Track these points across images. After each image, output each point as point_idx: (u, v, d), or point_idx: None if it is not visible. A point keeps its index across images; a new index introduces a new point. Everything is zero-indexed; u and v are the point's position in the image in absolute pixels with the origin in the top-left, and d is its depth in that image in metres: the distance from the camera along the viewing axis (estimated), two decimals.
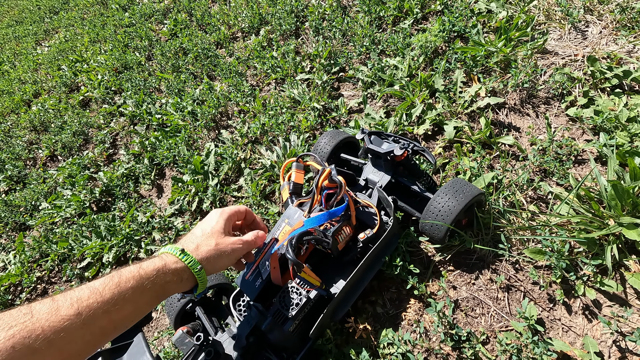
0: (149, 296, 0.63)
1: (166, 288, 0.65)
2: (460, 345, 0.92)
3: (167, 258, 0.69)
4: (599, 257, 0.93)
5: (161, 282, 0.64)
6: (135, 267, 0.64)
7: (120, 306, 0.57)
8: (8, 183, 2.37)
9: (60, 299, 0.53)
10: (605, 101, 1.25)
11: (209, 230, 0.77)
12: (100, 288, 0.57)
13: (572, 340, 0.90)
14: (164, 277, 0.65)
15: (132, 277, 0.61)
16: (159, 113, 2.18)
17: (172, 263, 0.68)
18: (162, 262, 0.67)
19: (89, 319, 0.53)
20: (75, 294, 0.55)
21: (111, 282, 0.59)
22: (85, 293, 0.55)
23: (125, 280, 0.60)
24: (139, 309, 0.61)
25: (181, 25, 2.89)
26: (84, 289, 0.56)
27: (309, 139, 1.64)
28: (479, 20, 1.70)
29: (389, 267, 1.05)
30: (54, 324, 0.50)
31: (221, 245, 0.76)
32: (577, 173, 1.16)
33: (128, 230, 1.60)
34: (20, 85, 3.42)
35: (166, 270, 0.66)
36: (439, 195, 0.98)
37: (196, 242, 0.75)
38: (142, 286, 0.61)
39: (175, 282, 0.67)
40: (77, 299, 0.54)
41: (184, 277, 0.69)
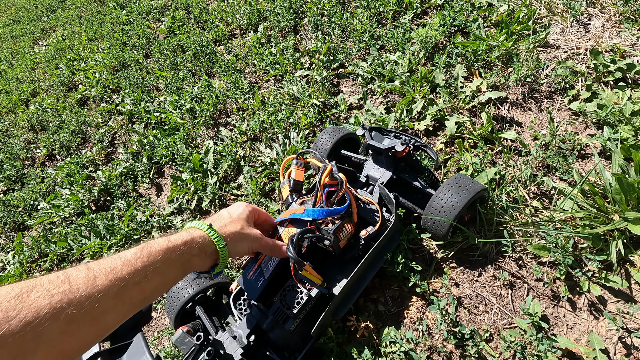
0: (176, 268, 0.64)
1: (191, 261, 0.67)
2: (464, 343, 0.91)
3: (194, 232, 0.70)
4: (603, 253, 0.92)
5: (187, 255, 0.66)
6: (164, 239, 0.65)
7: (150, 278, 0.58)
8: (6, 183, 2.36)
9: (96, 268, 0.54)
10: (609, 95, 1.23)
11: (235, 215, 0.81)
12: (132, 260, 0.58)
13: (577, 337, 0.89)
14: (190, 250, 0.66)
15: (161, 249, 0.62)
16: (158, 111, 2.16)
17: (199, 237, 0.69)
18: (189, 235, 0.68)
19: (122, 289, 0.54)
20: (109, 264, 0.55)
21: (142, 254, 0.59)
22: (119, 264, 0.56)
23: (156, 252, 0.61)
24: (166, 281, 0.62)
25: (179, 23, 2.87)
26: (116, 260, 0.57)
27: (308, 136, 1.63)
28: (479, 14, 1.68)
29: (390, 265, 1.04)
30: (90, 294, 0.50)
31: (246, 231, 0.79)
32: (581, 168, 1.15)
33: (127, 230, 1.59)
34: (18, 84, 3.40)
35: (193, 243, 0.67)
36: (442, 191, 0.96)
37: (223, 221, 0.78)
38: (170, 258, 0.63)
39: (199, 256, 0.68)
40: (112, 269, 0.54)
41: (207, 252, 0.70)
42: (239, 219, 0.80)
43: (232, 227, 0.78)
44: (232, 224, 0.78)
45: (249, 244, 0.80)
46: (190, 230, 0.71)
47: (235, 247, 0.77)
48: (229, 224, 0.78)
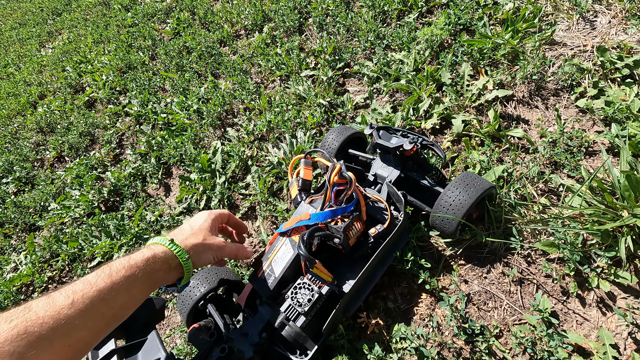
0: (141, 284, 0.66)
1: (156, 277, 0.69)
2: (474, 339, 0.92)
3: (156, 248, 0.72)
4: (612, 249, 0.92)
5: (150, 271, 0.67)
6: (125, 258, 0.67)
7: (115, 294, 0.61)
8: (17, 184, 2.39)
9: (55, 293, 0.56)
10: (616, 92, 1.23)
11: (197, 227, 0.82)
12: (93, 280, 0.60)
13: (586, 332, 0.89)
14: (154, 266, 0.68)
15: (122, 267, 0.64)
16: (165, 112, 2.18)
17: (161, 252, 0.71)
18: (150, 252, 0.70)
19: (87, 306, 0.56)
20: (70, 287, 0.58)
21: (103, 274, 0.61)
22: (79, 286, 0.58)
23: (117, 270, 0.63)
24: (133, 297, 0.65)
25: (184, 24, 2.89)
26: (77, 283, 0.59)
27: (315, 136, 1.64)
28: (485, 13, 1.68)
29: (399, 262, 1.05)
30: (53, 313, 0.53)
31: (208, 241, 0.81)
32: (589, 165, 1.15)
33: (137, 229, 1.61)
34: (26, 87, 3.44)
35: (155, 259, 0.69)
36: (450, 189, 0.97)
37: (184, 234, 0.80)
38: (133, 275, 0.64)
39: (164, 271, 0.70)
40: (72, 291, 0.57)
41: (172, 266, 0.72)
42: (200, 229, 0.82)
43: (193, 239, 0.79)
44: (194, 236, 0.80)
45: (213, 253, 0.82)
46: (151, 246, 0.72)
47: (199, 259, 0.78)
48: (190, 236, 0.79)
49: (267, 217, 1.47)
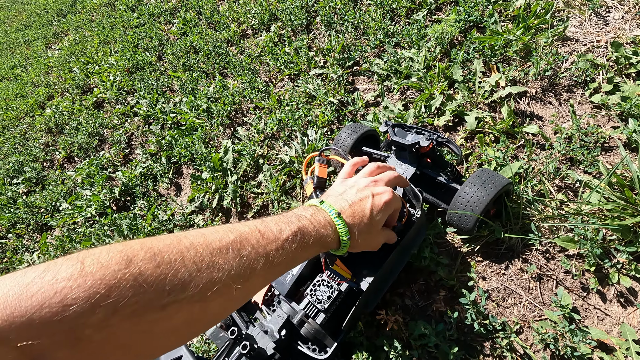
0: (311, 251, 0.63)
1: (318, 247, 0.65)
2: (494, 336, 0.92)
3: (325, 227, 0.65)
4: (633, 244, 0.92)
5: (322, 243, 0.65)
6: (294, 224, 0.60)
7: (277, 260, 0.56)
8: (27, 185, 2.41)
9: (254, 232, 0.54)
10: (632, 87, 1.23)
11: (376, 220, 0.73)
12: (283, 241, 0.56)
13: (608, 328, 0.89)
14: (324, 239, 0.64)
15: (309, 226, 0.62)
16: (174, 112, 2.19)
17: (327, 236, 0.65)
18: (319, 230, 0.64)
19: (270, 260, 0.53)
20: (257, 233, 0.54)
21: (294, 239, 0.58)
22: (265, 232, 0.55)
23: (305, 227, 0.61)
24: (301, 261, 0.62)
25: (190, 24, 2.89)
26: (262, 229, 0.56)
27: (326, 134, 1.64)
28: (495, 9, 1.67)
29: (417, 259, 1.05)
30: (260, 247, 0.52)
31: (376, 240, 0.78)
32: (605, 160, 1.14)
33: (150, 229, 1.62)
34: (34, 88, 3.46)
35: (322, 241, 0.64)
36: (467, 186, 0.97)
37: (362, 226, 0.71)
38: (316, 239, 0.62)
39: (326, 245, 0.66)
40: (261, 237, 0.54)
41: (329, 246, 0.68)
42: (378, 223, 0.73)
43: (367, 233, 0.72)
44: (368, 231, 0.72)
45: (369, 249, 0.78)
46: (322, 220, 0.66)
47: (353, 249, 0.74)
48: (364, 230, 0.71)
49: None
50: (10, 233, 2.14)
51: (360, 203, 0.72)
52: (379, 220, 0.74)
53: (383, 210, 0.74)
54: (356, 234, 0.69)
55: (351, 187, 0.77)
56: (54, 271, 0.36)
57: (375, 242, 0.78)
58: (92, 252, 0.39)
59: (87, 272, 0.36)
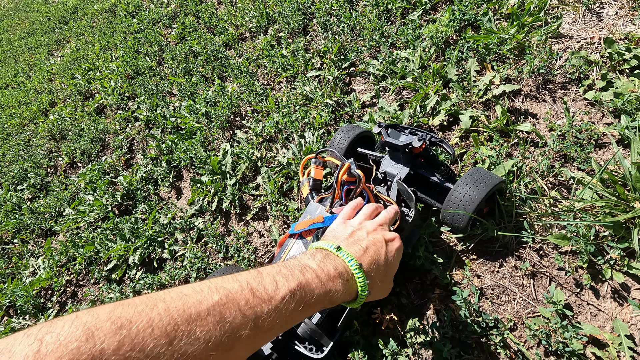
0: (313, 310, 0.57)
1: (329, 302, 0.59)
2: (488, 333, 0.93)
3: (343, 275, 0.60)
4: (625, 241, 0.93)
5: (328, 299, 0.58)
6: (317, 276, 0.56)
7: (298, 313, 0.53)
8: (32, 191, 2.45)
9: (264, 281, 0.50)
10: (625, 83, 1.23)
11: (391, 269, 0.70)
12: (290, 306, 0.51)
13: (601, 324, 0.90)
14: (333, 297, 0.58)
15: (318, 298, 0.55)
16: (173, 116, 2.22)
17: (343, 284, 0.60)
18: (338, 283, 0.58)
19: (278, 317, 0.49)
20: (276, 281, 0.51)
21: (302, 302, 0.53)
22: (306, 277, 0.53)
23: (314, 302, 0.54)
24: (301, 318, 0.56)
25: (189, 29, 2.92)
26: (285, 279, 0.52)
27: (323, 135, 1.65)
28: (489, 8, 1.68)
29: (412, 258, 1.06)
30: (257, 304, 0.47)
31: (387, 288, 0.73)
32: (599, 157, 1.15)
33: (151, 232, 1.64)
34: (36, 95, 3.50)
35: (338, 292, 0.59)
36: (460, 185, 0.98)
37: (379, 274, 0.67)
38: (312, 303, 0.55)
39: (336, 300, 0.60)
40: (275, 288, 0.50)
41: (344, 298, 0.62)
42: (391, 272, 0.71)
43: (382, 281, 0.68)
44: (384, 278, 0.68)
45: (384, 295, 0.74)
46: (344, 275, 0.60)
47: (369, 299, 0.67)
48: (380, 277, 0.67)
49: (279, 217, 1.49)
50: (16, 239, 2.17)
51: (375, 249, 0.68)
52: (393, 267, 0.70)
53: (396, 257, 0.71)
54: (374, 285, 0.65)
55: (359, 229, 0.72)
56: (8, 353, 0.33)
57: (387, 290, 0.73)
58: (53, 327, 0.36)
59: (43, 353, 0.33)
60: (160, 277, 1.49)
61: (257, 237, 1.51)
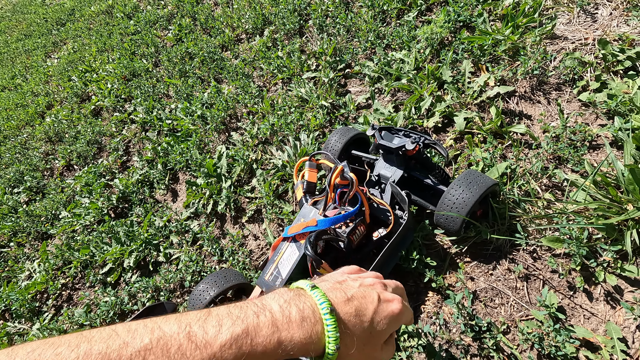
0: None
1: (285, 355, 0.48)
2: (481, 336, 0.93)
3: (315, 331, 0.48)
4: (618, 243, 0.93)
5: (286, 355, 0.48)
6: (275, 335, 0.46)
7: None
8: (28, 194, 2.44)
9: (187, 335, 0.43)
10: (619, 84, 1.23)
11: (375, 333, 0.54)
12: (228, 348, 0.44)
13: (594, 327, 0.90)
14: (298, 350, 0.47)
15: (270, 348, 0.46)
16: (169, 118, 2.21)
17: (314, 346, 0.48)
18: (307, 334, 0.47)
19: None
20: (204, 332, 0.44)
21: (239, 348, 0.44)
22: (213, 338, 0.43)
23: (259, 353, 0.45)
24: None
25: (186, 30, 2.92)
26: (217, 332, 0.44)
27: (318, 137, 1.65)
28: (484, 9, 1.68)
29: (405, 261, 1.06)
30: None
31: (370, 357, 0.55)
32: (593, 159, 1.15)
33: (146, 235, 1.64)
34: (33, 97, 3.50)
35: (304, 350, 0.48)
36: (453, 188, 0.98)
37: (356, 333, 0.51)
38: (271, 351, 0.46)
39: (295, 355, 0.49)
40: (204, 342, 0.43)
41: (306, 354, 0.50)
42: (376, 339, 0.54)
43: (360, 348, 0.51)
44: (364, 344, 0.52)
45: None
46: (309, 326, 0.47)
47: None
48: (359, 343, 0.51)
49: (274, 219, 1.49)
50: (12, 242, 2.17)
51: (363, 302, 0.54)
52: (380, 332, 0.54)
53: (390, 320, 0.55)
54: (351, 345, 0.50)
55: (354, 279, 0.59)
56: None
57: (375, 357, 0.56)
58: None
59: None
60: (155, 280, 1.49)
61: (252, 239, 1.51)
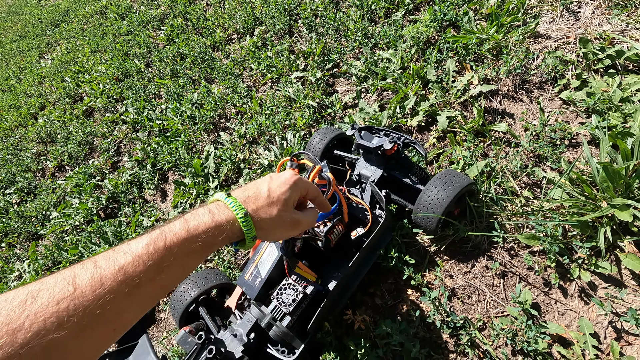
0: (197, 257, 0.57)
1: (212, 247, 0.59)
2: (457, 332, 0.94)
3: (222, 215, 0.59)
4: (592, 240, 0.94)
5: (210, 242, 0.57)
6: (182, 226, 0.55)
7: (166, 272, 0.53)
8: (19, 195, 2.45)
9: (104, 266, 0.49)
10: (598, 82, 1.24)
11: (275, 196, 0.66)
12: (144, 254, 0.51)
13: (568, 322, 0.90)
14: (213, 239, 0.58)
15: (179, 240, 0.54)
16: (160, 119, 2.22)
17: (226, 222, 0.59)
18: (213, 221, 0.58)
19: (135, 288, 0.49)
20: (118, 260, 0.49)
21: (156, 247, 0.52)
22: (128, 259, 0.50)
23: (172, 244, 0.53)
24: (185, 270, 0.56)
25: (178, 31, 2.92)
26: (126, 254, 0.50)
27: (305, 137, 1.66)
28: (470, 8, 1.68)
29: (384, 260, 1.07)
30: (99, 296, 0.46)
31: (283, 217, 0.67)
32: (572, 156, 1.16)
33: (134, 235, 1.65)
34: (27, 98, 3.50)
35: (219, 230, 0.58)
36: (429, 188, 0.99)
37: (258, 202, 0.64)
38: (189, 248, 0.55)
39: (222, 241, 0.60)
40: (120, 267, 0.49)
41: (233, 237, 0.61)
42: (277, 200, 0.66)
43: (267, 210, 0.64)
44: (269, 207, 0.65)
45: (285, 232, 0.70)
46: (216, 210, 0.59)
47: (266, 236, 0.66)
48: (264, 207, 0.64)
49: None
50: (3, 242, 2.18)
51: (255, 184, 0.67)
52: (280, 195, 0.66)
53: (285, 185, 0.67)
54: (254, 214, 0.62)
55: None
56: None
57: (288, 221, 0.68)
58: None
59: None
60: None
61: None
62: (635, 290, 0.89)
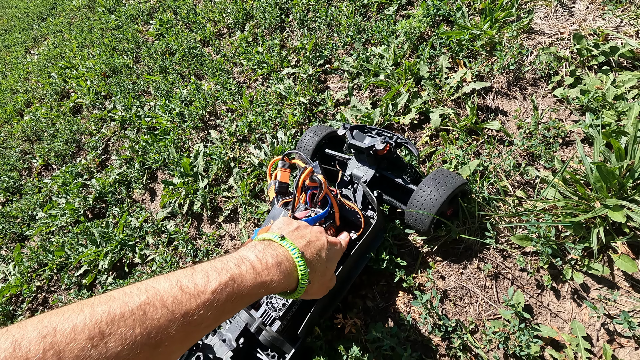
0: (249, 301, 0.57)
1: (264, 293, 0.60)
2: (449, 336, 0.93)
3: (285, 265, 0.61)
4: (585, 241, 0.92)
5: (267, 289, 0.58)
6: (254, 279, 0.56)
7: (224, 317, 0.53)
8: (4, 194, 2.39)
9: (170, 308, 0.48)
10: (592, 79, 1.22)
11: (331, 268, 0.73)
12: (219, 299, 0.51)
13: (560, 325, 0.89)
14: (273, 291, 0.60)
15: (248, 294, 0.55)
16: (148, 116, 2.17)
17: (288, 285, 0.61)
18: (280, 285, 0.59)
19: (194, 332, 0.49)
20: (185, 303, 0.49)
21: (232, 292, 0.53)
22: (196, 303, 0.50)
23: (240, 294, 0.54)
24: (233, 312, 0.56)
25: (167, 25, 2.86)
26: (194, 299, 0.50)
27: (296, 135, 1.63)
28: (463, 2, 1.65)
29: (376, 262, 1.05)
30: (174, 313, 0.47)
31: (323, 289, 0.74)
32: (565, 155, 1.14)
33: (122, 236, 1.61)
34: (12, 95, 3.42)
35: (281, 290, 0.61)
36: (422, 188, 0.97)
37: (320, 269, 0.68)
38: (257, 293, 0.56)
39: (275, 291, 0.61)
40: (186, 313, 0.48)
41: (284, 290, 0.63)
42: (331, 271, 0.72)
43: (319, 280, 0.69)
44: (322, 277, 0.69)
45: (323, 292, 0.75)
46: (284, 262, 0.61)
47: (309, 295, 0.69)
48: (316, 280, 0.68)
49: (250, 219, 1.47)
50: None
51: (319, 243, 0.69)
52: (332, 266, 0.72)
53: (336, 255, 0.73)
54: (314, 277, 0.66)
55: (305, 227, 0.73)
56: None
57: (327, 288, 0.75)
58: None
59: None
60: (130, 282, 1.46)
61: (228, 239, 1.49)
62: (627, 292, 0.88)
